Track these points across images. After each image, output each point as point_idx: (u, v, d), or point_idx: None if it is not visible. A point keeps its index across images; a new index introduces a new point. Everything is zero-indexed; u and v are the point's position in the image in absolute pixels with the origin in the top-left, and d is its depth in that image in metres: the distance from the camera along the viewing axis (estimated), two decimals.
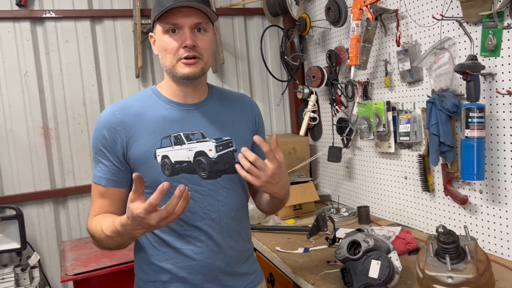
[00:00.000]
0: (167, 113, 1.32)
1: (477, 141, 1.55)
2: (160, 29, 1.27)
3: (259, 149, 1.37)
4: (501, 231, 1.62)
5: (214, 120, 1.36)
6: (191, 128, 1.32)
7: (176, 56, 1.25)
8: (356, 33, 2.07)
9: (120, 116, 1.28)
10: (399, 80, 2.03)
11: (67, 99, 2.64)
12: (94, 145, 1.30)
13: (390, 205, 2.20)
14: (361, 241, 1.47)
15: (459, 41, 1.70)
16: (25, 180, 2.56)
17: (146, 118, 1.29)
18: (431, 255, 1.24)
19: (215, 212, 1.32)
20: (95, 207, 1.31)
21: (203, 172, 1.31)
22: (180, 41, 1.24)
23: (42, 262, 2.60)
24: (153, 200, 1.03)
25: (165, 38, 1.25)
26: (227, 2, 3.00)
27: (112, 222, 1.17)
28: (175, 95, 1.34)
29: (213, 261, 1.32)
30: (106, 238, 1.20)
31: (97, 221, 1.25)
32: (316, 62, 2.76)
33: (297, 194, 2.44)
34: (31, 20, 2.55)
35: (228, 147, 1.35)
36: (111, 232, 1.17)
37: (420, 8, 1.86)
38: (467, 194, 1.74)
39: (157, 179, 1.26)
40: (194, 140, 1.31)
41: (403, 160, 2.08)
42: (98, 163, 1.30)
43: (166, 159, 1.28)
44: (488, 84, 1.60)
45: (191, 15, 1.24)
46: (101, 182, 1.29)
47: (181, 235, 1.30)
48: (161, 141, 1.28)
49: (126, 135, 1.27)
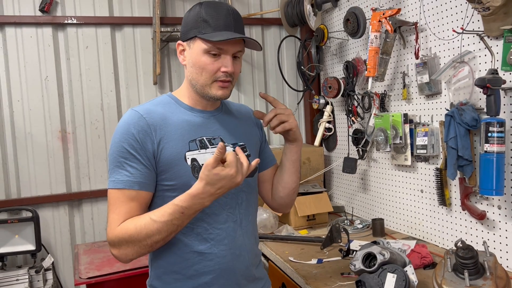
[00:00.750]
0: (190, 118, 1.34)
1: (497, 156, 1.53)
2: (200, 47, 1.27)
3: (264, 151, 1.51)
4: None
5: (228, 126, 1.41)
6: (211, 133, 1.36)
7: (213, 77, 1.29)
8: (375, 44, 2.07)
9: (149, 119, 1.28)
10: (417, 92, 2.02)
11: (85, 104, 2.68)
12: (119, 148, 1.25)
13: (405, 218, 2.18)
14: (377, 253, 1.46)
15: (479, 55, 1.69)
16: (41, 183, 2.60)
17: (172, 121, 1.31)
18: (449, 270, 1.22)
19: (237, 214, 1.35)
20: (121, 213, 1.23)
21: None
22: (220, 64, 1.27)
23: (56, 264, 2.62)
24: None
25: (204, 58, 1.27)
26: (245, 11, 3.03)
27: (171, 205, 1.17)
28: (196, 103, 1.37)
29: (235, 264, 1.34)
30: (161, 226, 1.17)
31: (134, 221, 1.21)
32: (332, 73, 2.77)
33: (311, 205, 2.43)
34: (53, 26, 2.60)
35: (244, 152, 1.38)
36: (171, 215, 1.17)
37: (440, 21, 1.86)
38: (485, 209, 1.71)
39: (188, 182, 1.26)
40: (215, 145, 1.34)
41: (419, 173, 2.06)
42: (124, 167, 1.24)
43: (195, 162, 1.29)
44: (509, 98, 1.59)
45: (236, 44, 1.28)
46: (133, 186, 1.23)
47: (205, 239, 1.31)
48: (189, 144, 1.30)
49: (157, 137, 1.27)
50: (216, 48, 1.26)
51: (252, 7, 3.06)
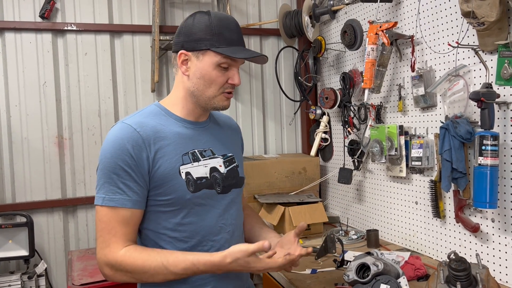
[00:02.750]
0: (181, 130, 1.32)
1: (490, 169, 1.54)
2: (212, 60, 1.27)
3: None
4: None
5: (217, 138, 1.43)
6: (202, 145, 1.35)
7: (221, 89, 1.30)
8: (371, 57, 2.09)
9: (143, 133, 1.24)
10: (412, 105, 2.04)
11: (83, 110, 2.69)
12: (112, 164, 1.20)
13: (400, 229, 2.19)
14: (370, 264, 1.46)
15: (474, 69, 1.71)
16: (37, 188, 2.59)
17: (165, 135, 1.28)
18: (442, 282, 1.23)
19: (229, 225, 1.36)
20: (118, 235, 1.19)
21: (218, 187, 1.35)
22: (227, 77, 1.30)
23: (49, 271, 2.60)
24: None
25: (216, 71, 1.28)
26: (244, 22, 3.06)
27: (186, 260, 1.18)
28: (188, 115, 1.36)
29: (227, 274, 1.33)
30: (169, 274, 1.18)
31: (142, 256, 1.18)
32: (329, 84, 2.79)
33: (306, 215, 2.43)
34: (52, 32, 2.62)
35: (232, 163, 1.41)
36: (184, 270, 1.18)
37: (436, 35, 1.89)
38: (478, 222, 1.72)
39: (183, 196, 1.26)
40: (207, 157, 1.35)
41: (414, 185, 2.07)
42: (117, 184, 1.20)
43: (189, 176, 1.28)
44: (503, 112, 1.61)
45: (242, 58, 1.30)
46: (126, 205, 1.20)
47: (199, 252, 1.27)
48: (182, 157, 1.29)
49: (151, 151, 1.23)
50: (229, 62, 1.28)
51: (251, 18, 3.09)
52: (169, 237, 1.28)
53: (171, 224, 1.27)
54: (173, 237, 1.28)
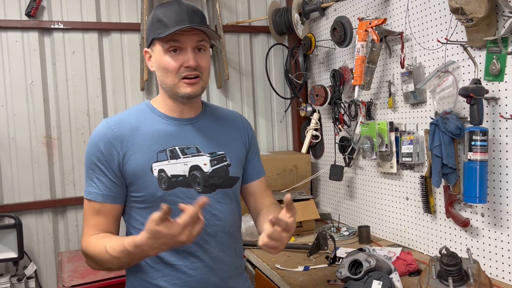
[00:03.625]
0: (163, 127, 1.32)
1: (480, 164, 1.56)
2: (160, 48, 1.26)
3: (251, 163, 1.46)
4: (503, 255, 1.61)
5: (208, 135, 1.38)
6: (186, 142, 1.33)
7: (177, 76, 1.26)
8: (361, 53, 2.09)
9: (116, 130, 1.27)
10: (402, 101, 2.05)
11: (71, 109, 2.65)
12: (89, 160, 1.28)
13: (391, 225, 2.20)
14: (362, 260, 1.47)
15: (463, 65, 1.72)
16: (25, 189, 2.56)
17: (142, 132, 1.29)
18: (434, 277, 1.23)
19: (211, 226, 1.32)
20: (90, 225, 1.27)
21: (198, 186, 1.32)
22: (182, 61, 1.25)
23: (39, 272, 2.57)
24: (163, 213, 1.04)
25: (166, 58, 1.26)
26: (234, 19, 3.04)
27: (121, 243, 1.15)
28: (171, 111, 1.35)
29: (208, 277, 1.31)
30: (111, 258, 1.18)
31: (97, 242, 1.23)
32: (319, 81, 2.79)
33: (298, 212, 2.39)
34: (39, 31, 2.58)
35: (222, 162, 1.37)
36: (120, 253, 1.15)
37: (425, 32, 1.89)
38: (468, 217, 1.74)
39: (154, 193, 1.26)
40: (189, 154, 1.32)
41: (404, 181, 2.08)
42: (92, 179, 1.27)
43: (163, 173, 1.28)
44: (492, 108, 1.62)
45: (193, 36, 1.25)
46: (97, 198, 1.27)
47: (176, 251, 1.29)
48: (157, 155, 1.28)
49: (122, 149, 1.26)
50: (174, 44, 1.24)
51: (241, 15, 3.07)
52: None
53: (147, 221, 1.26)
54: None
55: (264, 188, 1.54)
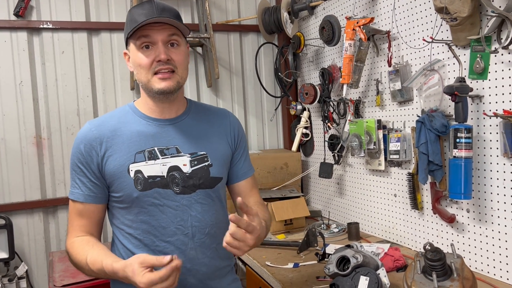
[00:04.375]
0: (143, 129, 1.33)
1: (465, 161, 1.58)
2: (134, 46, 1.29)
3: (237, 163, 1.47)
4: (487, 250, 1.65)
5: (190, 134, 1.38)
6: (166, 143, 1.34)
7: (150, 71, 1.27)
8: (349, 52, 2.11)
9: (96, 132, 1.31)
10: (390, 99, 2.08)
11: (61, 109, 2.65)
12: (72, 162, 1.33)
13: (380, 222, 2.23)
14: (350, 257, 1.49)
15: (449, 63, 1.75)
16: (15, 190, 2.55)
17: (121, 133, 1.32)
18: (419, 272, 1.26)
19: (188, 227, 1.33)
20: (74, 226, 1.31)
21: (177, 187, 1.32)
22: (154, 55, 1.27)
23: (30, 272, 2.57)
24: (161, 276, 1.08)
25: (139, 55, 1.28)
26: (223, 18, 3.05)
27: (100, 262, 1.19)
28: (151, 111, 1.36)
29: (185, 278, 1.31)
30: (89, 271, 1.23)
31: (79, 249, 1.26)
32: (309, 79, 2.81)
33: (288, 209, 2.45)
34: (28, 31, 2.57)
35: (203, 162, 1.37)
36: (98, 270, 1.20)
37: (412, 30, 1.92)
38: (454, 213, 1.77)
39: (130, 194, 1.29)
40: (169, 155, 1.33)
41: (392, 178, 2.11)
42: (75, 180, 1.32)
43: (139, 174, 1.29)
44: (476, 105, 1.65)
45: (163, 30, 1.27)
46: (79, 198, 1.31)
47: (153, 251, 1.30)
48: (135, 156, 1.30)
49: (101, 150, 1.29)
50: (144, 40, 1.26)
51: (230, 14, 3.08)
52: (126, 233, 1.33)
53: (126, 220, 1.32)
54: (129, 233, 1.32)
55: (250, 187, 1.53)
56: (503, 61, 1.54)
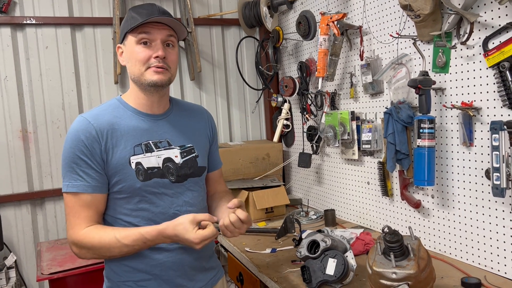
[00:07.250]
0: (137, 124, 1.42)
1: (428, 150, 1.68)
2: (132, 40, 1.37)
3: (212, 155, 1.62)
4: (449, 233, 1.76)
5: (178, 128, 1.50)
6: (158, 136, 1.44)
7: (146, 65, 1.37)
8: (324, 47, 2.20)
9: (96, 125, 1.36)
10: (362, 91, 2.17)
11: (46, 103, 2.71)
12: (70, 155, 1.33)
13: (354, 208, 2.34)
14: (320, 241, 1.59)
15: (415, 57, 1.85)
16: (2, 182, 2.61)
17: (119, 127, 1.39)
18: (379, 253, 1.36)
19: (184, 212, 1.43)
20: (82, 218, 1.33)
21: (172, 177, 1.44)
22: (152, 52, 1.36)
23: (19, 262, 2.65)
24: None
25: (136, 48, 1.37)
26: (205, 12, 3.11)
27: (137, 232, 1.30)
28: (141, 105, 1.44)
29: (184, 257, 1.44)
30: (122, 246, 1.30)
31: (102, 233, 1.32)
32: (289, 72, 2.89)
33: (269, 198, 2.55)
34: (11, 26, 2.61)
35: (191, 153, 1.50)
36: (134, 241, 1.30)
37: (381, 26, 2.01)
38: (420, 199, 1.88)
39: (133, 184, 1.37)
40: (162, 148, 1.43)
41: (366, 167, 2.21)
42: (77, 172, 1.32)
43: (140, 166, 1.38)
44: (439, 98, 1.75)
45: (163, 30, 1.38)
46: (87, 190, 1.33)
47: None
48: (134, 148, 1.39)
49: (103, 142, 1.35)
50: (144, 36, 1.35)
51: (212, 8, 3.14)
52: (124, 221, 1.39)
53: (126, 210, 1.39)
54: (128, 222, 1.38)
55: (219, 176, 1.71)
56: (462, 55, 1.63)
